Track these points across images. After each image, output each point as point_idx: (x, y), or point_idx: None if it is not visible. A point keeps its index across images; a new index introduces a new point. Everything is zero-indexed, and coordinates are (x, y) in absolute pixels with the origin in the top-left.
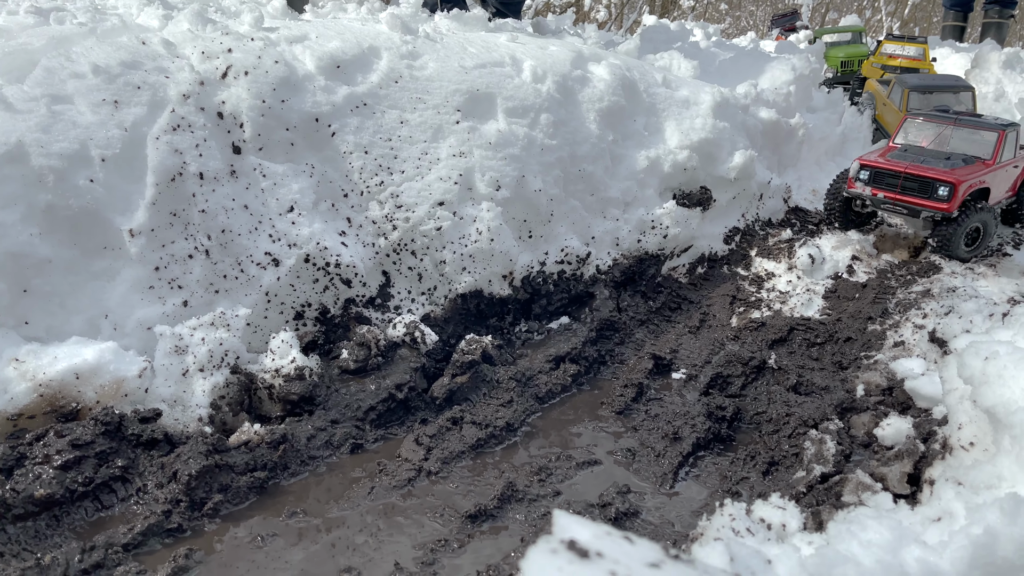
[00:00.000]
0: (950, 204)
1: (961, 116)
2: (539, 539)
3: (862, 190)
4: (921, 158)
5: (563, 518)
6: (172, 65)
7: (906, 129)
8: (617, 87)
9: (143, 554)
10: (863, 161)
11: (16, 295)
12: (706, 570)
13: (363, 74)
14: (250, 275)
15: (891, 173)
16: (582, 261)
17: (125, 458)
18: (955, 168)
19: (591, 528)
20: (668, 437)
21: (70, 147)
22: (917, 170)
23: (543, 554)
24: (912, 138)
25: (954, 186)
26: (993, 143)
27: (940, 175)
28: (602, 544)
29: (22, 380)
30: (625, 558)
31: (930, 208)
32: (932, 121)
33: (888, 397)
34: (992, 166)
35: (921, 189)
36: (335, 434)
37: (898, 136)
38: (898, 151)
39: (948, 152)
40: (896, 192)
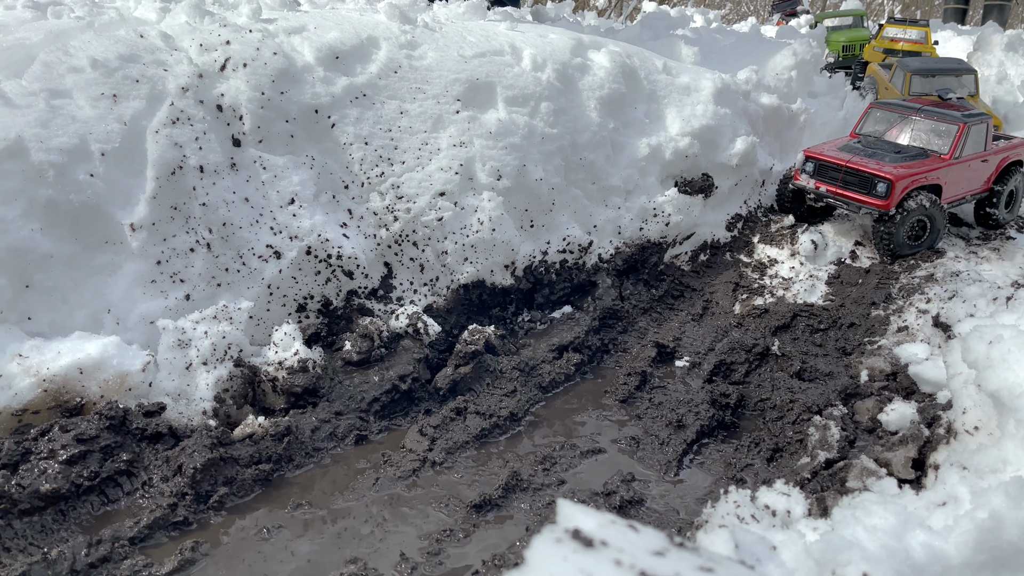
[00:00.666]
0: (887, 201)
1: (926, 107)
2: (543, 528)
3: (806, 182)
4: (871, 151)
5: (567, 507)
6: (170, 58)
7: (869, 118)
8: (617, 74)
9: (150, 547)
10: (808, 152)
11: (18, 290)
12: (710, 557)
13: (362, 65)
14: (252, 268)
15: (833, 166)
16: (584, 250)
17: (130, 452)
18: (899, 164)
19: (595, 517)
20: (672, 425)
21: (70, 142)
22: (858, 164)
23: (548, 543)
24: (874, 128)
25: (891, 183)
26: (952, 137)
27: (879, 171)
28: (606, 533)
29: (26, 375)
30: (629, 546)
31: (868, 205)
32: (895, 111)
33: (892, 382)
34: (947, 161)
35: (861, 184)
36: (339, 426)
37: (860, 125)
38: (852, 143)
39: (904, 145)
40: (837, 186)
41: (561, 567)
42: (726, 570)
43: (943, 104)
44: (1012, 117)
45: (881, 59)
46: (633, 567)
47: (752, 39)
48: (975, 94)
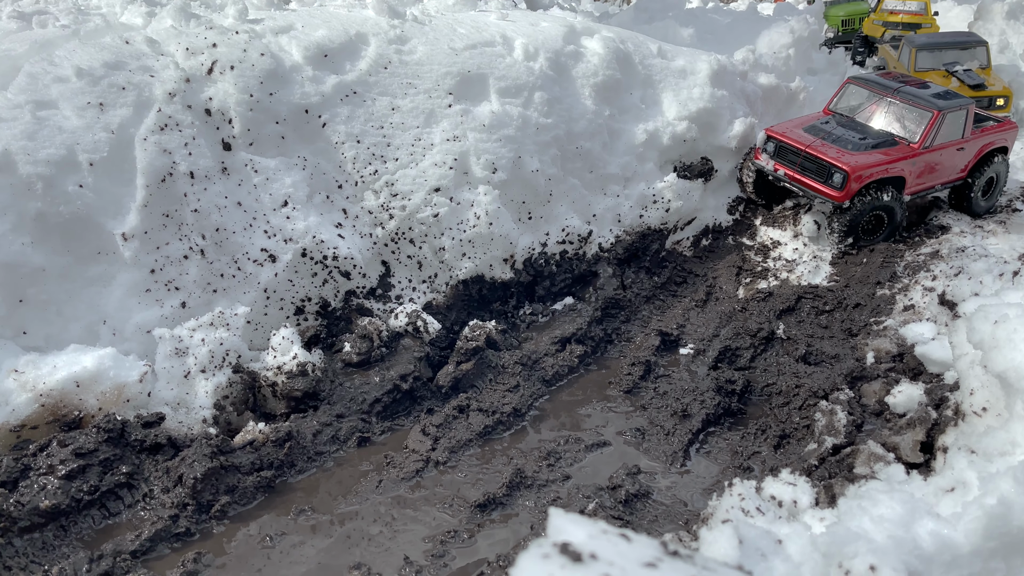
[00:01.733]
0: (842, 193)
1: (903, 88)
2: (531, 544)
3: (766, 163)
4: (835, 135)
5: (558, 518)
6: (156, 63)
7: (844, 94)
8: (611, 60)
9: (152, 560)
10: (770, 131)
11: (12, 305)
12: (706, 565)
13: (351, 62)
14: (247, 273)
15: (793, 149)
16: (584, 240)
17: (130, 464)
18: (861, 152)
19: (586, 528)
20: (677, 415)
21: (57, 153)
22: (817, 150)
23: (534, 560)
24: (848, 105)
25: (847, 175)
26: (924, 125)
27: (836, 160)
28: (597, 545)
29: (23, 391)
30: (620, 559)
31: (823, 195)
32: (871, 89)
33: (899, 363)
34: (915, 151)
35: (818, 172)
36: (341, 428)
37: (835, 101)
38: (820, 121)
39: (874, 129)
40: (795, 171)
41: None
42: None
43: (926, 85)
44: (1015, 87)
45: (881, 32)
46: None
47: (749, 17)
48: (987, 66)
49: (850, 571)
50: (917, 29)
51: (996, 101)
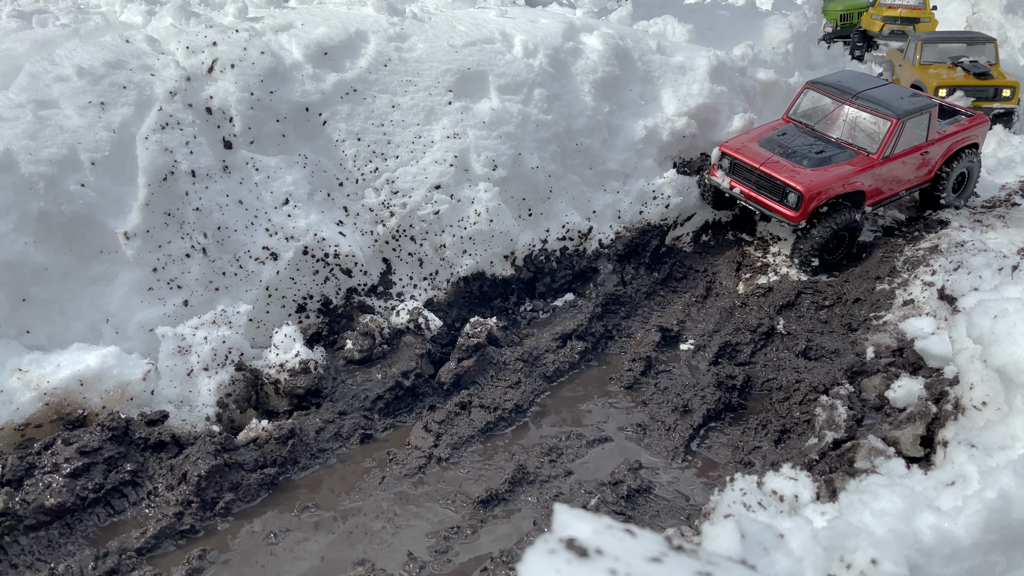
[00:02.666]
0: (798, 213)
1: (862, 93)
2: (537, 540)
3: (721, 180)
4: (791, 149)
5: (563, 513)
6: (157, 62)
7: (804, 100)
8: (611, 57)
9: (157, 557)
10: (724, 147)
11: (15, 305)
12: (710, 560)
13: (351, 59)
14: (249, 271)
15: (747, 167)
16: (584, 236)
17: (134, 462)
18: (817, 167)
19: (591, 523)
20: (678, 410)
21: (59, 152)
22: (771, 168)
23: (541, 555)
24: (808, 111)
25: (802, 195)
26: (883, 133)
27: (790, 180)
28: (602, 540)
29: (27, 390)
30: (625, 554)
31: (779, 214)
32: (829, 95)
33: (898, 358)
34: (874, 162)
35: (773, 190)
36: (344, 425)
37: (794, 107)
38: (777, 133)
39: (832, 140)
40: (751, 188)
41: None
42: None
43: (888, 87)
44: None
45: (880, 27)
46: None
47: (747, 13)
48: (995, 63)
49: (851, 565)
50: (915, 23)
51: (1002, 92)
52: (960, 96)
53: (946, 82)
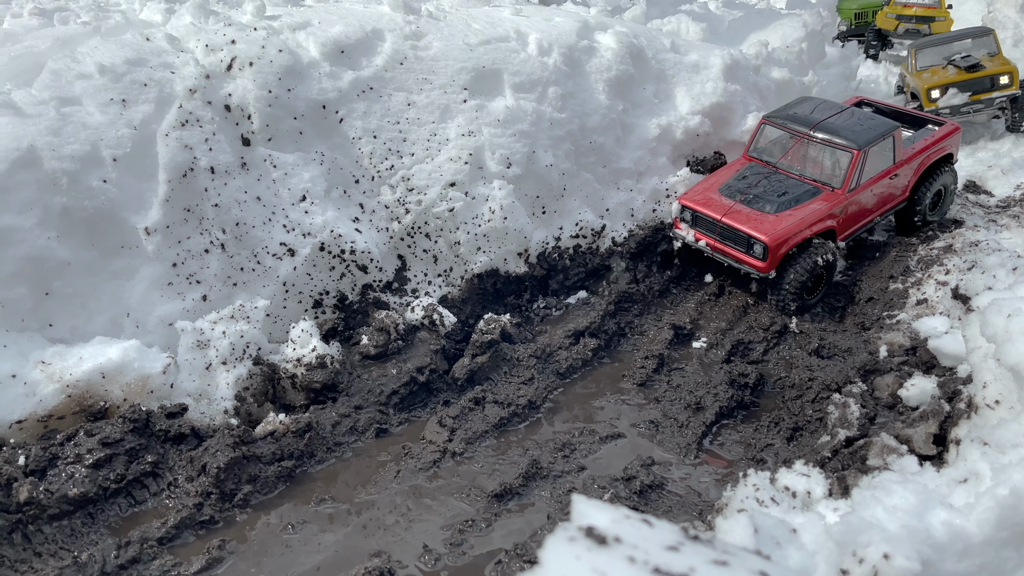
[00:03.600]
0: (766, 264)
1: (820, 125)
2: (557, 527)
3: (686, 233)
4: (752, 194)
5: (581, 503)
6: (177, 60)
7: (761, 137)
8: (625, 55)
9: (177, 547)
10: (684, 201)
11: (38, 298)
12: (725, 549)
13: (368, 58)
14: (267, 266)
15: (709, 219)
16: (597, 234)
17: (155, 454)
18: (781, 213)
19: (609, 513)
20: (691, 407)
21: (81, 149)
22: (733, 219)
23: (561, 542)
24: (767, 147)
25: (767, 246)
26: (845, 166)
27: (754, 231)
28: (620, 529)
29: (50, 382)
30: (643, 542)
31: (748, 265)
32: (786, 129)
33: (912, 357)
34: (840, 197)
35: (739, 241)
36: (359, 420)
37: (753, 144)
38: (736, 178)
39: (794, 180)
40: (716, 239)
41: (575, 566)
42: (741, 562)
43: (848, 114)
44: None
45: (895, 26)
46: (647, 563)
47: (761, 11)
48: (996, 53)
49: (864, 559)
50: (931, 22)
51: (1000, 79)
52: (954, 94)
53: (936, 83)
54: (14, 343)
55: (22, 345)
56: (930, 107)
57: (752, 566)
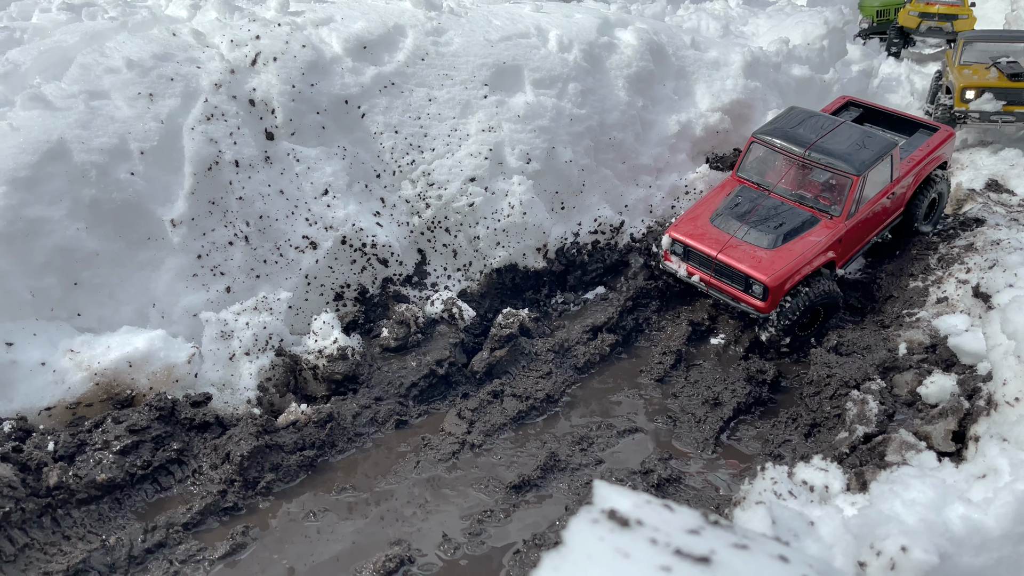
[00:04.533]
0: (766, 304)
1: (814, 147)
2: (580, 510)
3: (677, 267)
4: (747, 227)
5: (603, 488)
6: (203, 55)
7: (751, 155)
8: (645, 52)
9: (202, 532)
10: (674, 234)
11: (67, 288)
12: (745, 534)
13: (389, 53)
14: (289, 259)
15: (703, 255)
16: (616, 230)
17: (180, 441)
18: (779, 247)
19: (631, 497)
20: (708, 403)
21: (110, 142)
22: (729, 255)
23: (585, 524)
24: (757, 168)
25: (767, 287)
26: (844, 193)
27: (753, 268)
28: (642, 512)
29: (78, 370)
30: (665, 525)
31: (747, 304)
32: (778, 150)
33: (931, 355)
34: (839, 225)
35: (735, 278)
36: (379, 411)
37: (742, 164)
38: (727, 204)
39: (788, 207)
40: (711, 275)
41: (598, 547)
42: (760, 546)
43: (843, 131)
44: None
45: (917, 24)
46: (668, 545)
47: (782, 8)
48: None
49: (881, 552)
50: (954, 20)
51: None
52: (989, 99)
53: (974, 83)
54: (44, 332)
55: (51, 334)
56: (960, 107)
57: (771, 550)
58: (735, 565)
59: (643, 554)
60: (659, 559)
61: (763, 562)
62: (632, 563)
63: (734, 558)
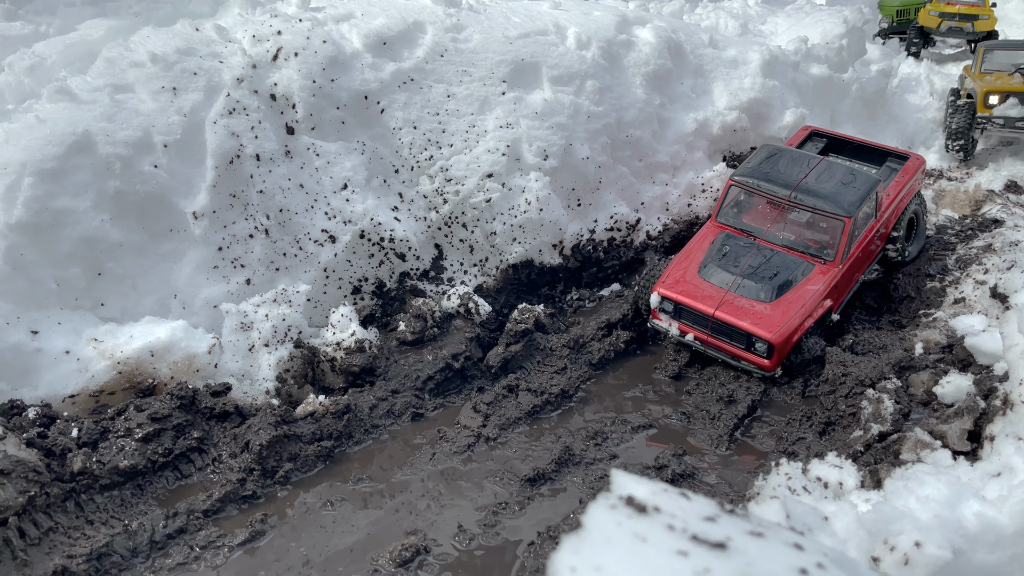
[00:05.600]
0: (771, 363)
1: (799, 188)
2: (599, 496)
3: (668, 325)
4: (740, 279)
5: (620, 477)
6: (225, 50)
7: (730, 200)
8: (663, 50)
9: (221, 519)
10: (663, 291)
11: (91, 278)
12: (760, 523)
13: (409, 49)
14: (308, 252)
15: (698, 313)
16: (632, 227)
17: (200, 430)
18: (778, 302)
19: (648, 486)
20: (723, 400)
21: (134, 134)
22: (728, 312)
23: (603, 509)
24: (738, 212)
25: (773, 346)
26: (837, 236)
27: (756, 325)
28: (659, 500)
29: (101, 359)
30: (681, 512)
31: (749, 362)
32: (760, 193)
33: (948, 355)
34: (836, 272)
35: (735, 336)
36: (396, 403)
37: (721, 208)
38: (715, 255)
39: (778, 256)
40: (708, 334)
41: (616, 531)
42: (776, 534)
43: (829, 169)
44: None
45: (937, 23)
46: (685, 531)
47: (801, 6)
48: None
49: (895, 547)
50: (974, 20)
51: None
52: (1014, 104)
53: (998, 88)
54: (68, 320)
55: (75, 323)
56: (984, 112)
57: (787, 538)
58: (751, 551)
59: (660, 539)
60: (676, 544)
61: (778, 549)
62: (650, 547)
63: (750, 544)
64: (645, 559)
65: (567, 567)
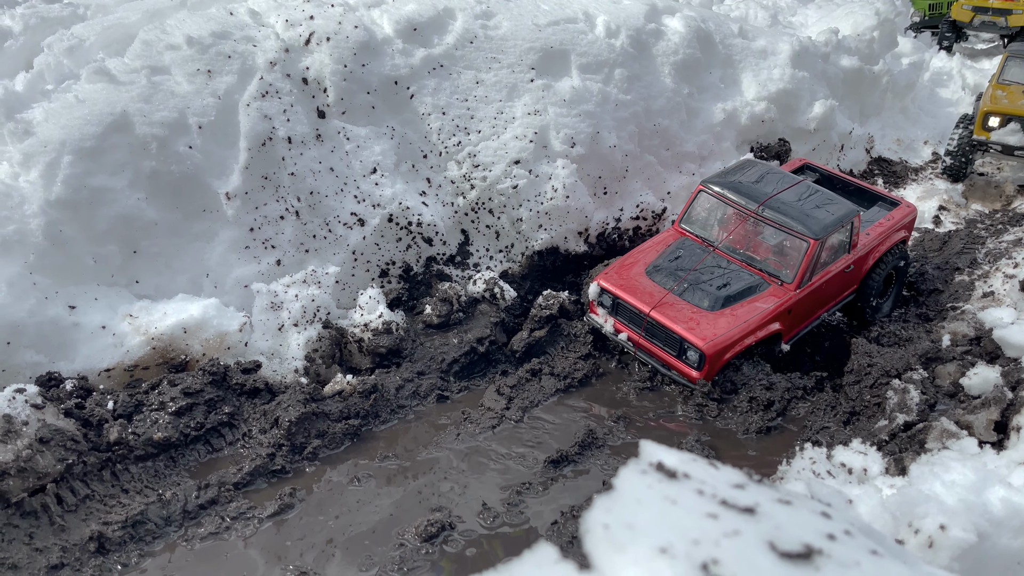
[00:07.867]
0: (702, 373)
1: (769, 203)
2: (629, 461)
3: (604, 321)
4: (687, 282)
5: (649, 446)
6: (259, 34)
7: (697, 206)
8: (692, 39)
9: (251, 492)
10: (603, 282)
11: (127, 256)
12: (788, 493)
13: (439, 36)
14: (338, 235)
15: (634, 310)
16: (657, 216)
17: (231, 405)
18: (721, 311)
19: (677, 455)
20: (748, 387)
21: (170, 116)
22: (664, 314)
23: (634, 474)
24: (703, 219)
25: (704, 355)
26: (799, 258)
27: (689, 331)
28: (688, 467)
29: (136, 334)
30: (711, 479)
31: (678, 371)
32: (728, 202)
33: (975, 347)
34: (791, 295)
35: (668, 341)
36: (421, 385)
37: (687, 213)
38: (668, 256)
39: (734, 268)
40: (641, 335)
41: (647, 493)
42: (803, 503)
43: (801, 187)
44: None
45: (970, 18)
46: (715, 496)
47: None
48: None
49: (920, 530)
50: (1008, 15)
51: None
52: (1015, 130)
53: (1003, 109)
54: (104, 296)
55: (111, 299)
56: (981, 135)
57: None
58: (779, 516)
59: (690, 502)
60: (706, 507)
61: (806, 516)
62: (680, 508)
63: (778, 510)
64: (676, 520)
65: (600, 524)
